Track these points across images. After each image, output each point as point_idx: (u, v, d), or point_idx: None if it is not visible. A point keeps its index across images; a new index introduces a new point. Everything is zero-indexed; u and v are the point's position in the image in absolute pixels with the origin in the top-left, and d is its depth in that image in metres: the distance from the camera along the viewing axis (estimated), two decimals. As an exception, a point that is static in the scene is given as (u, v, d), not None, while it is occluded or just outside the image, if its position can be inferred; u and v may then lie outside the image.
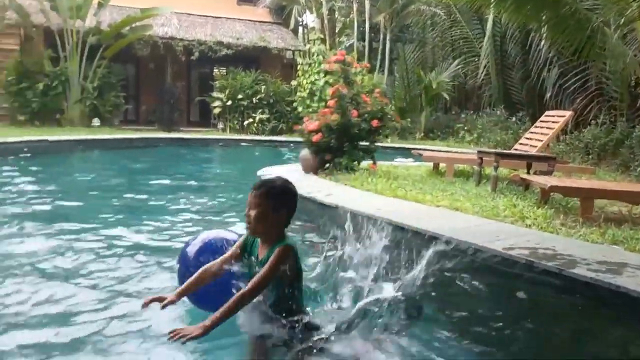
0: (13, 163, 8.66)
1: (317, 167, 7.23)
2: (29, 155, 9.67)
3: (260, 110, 16.23)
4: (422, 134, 15.55)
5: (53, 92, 14.10)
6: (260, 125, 16.10)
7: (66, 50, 14.38)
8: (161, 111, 16.52)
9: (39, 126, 13.73)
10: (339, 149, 7.05)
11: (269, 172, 7.36)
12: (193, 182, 7.98)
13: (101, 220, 4.81)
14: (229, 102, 16.09)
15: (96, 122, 14.57)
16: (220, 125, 16.64)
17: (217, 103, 16.25)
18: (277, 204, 2.23)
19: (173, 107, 16.52)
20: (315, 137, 6.95)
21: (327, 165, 7.15)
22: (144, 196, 6.31)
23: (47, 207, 5.37)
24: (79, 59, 14.39)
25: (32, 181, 7.00)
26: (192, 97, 19.02)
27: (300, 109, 15.38)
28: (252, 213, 2.21)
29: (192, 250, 2.62)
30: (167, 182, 7.63)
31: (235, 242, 2.58)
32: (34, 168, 8.43)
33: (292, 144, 13.65)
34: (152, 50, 16.29)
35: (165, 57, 17.03)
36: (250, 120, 16.14)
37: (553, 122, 7.27)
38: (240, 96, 16.04)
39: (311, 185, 6.24)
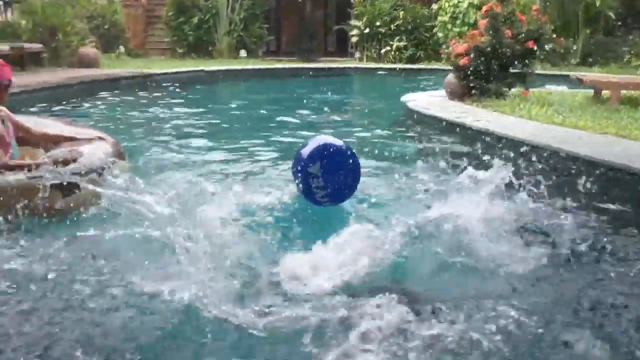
0: (175, 91, 9.64)
1: (463, 93, 7.03)
2: (188, 83, 10.66)
3: (397, 38, 15.81)
4: (578, 60, 14.03)
5: (206, 25, 15.15)
6: (397, 53, 15.75)
7: (215, -17, 15.17)
8: (300, 42, 16.91)
9: (194, 58, 14.96)
10: (488, 74, 6.74)
11: (412, 99, 7.35)
12: (334, 110, 8.22)
13: (253, 141, 5.28)
14: (367, 30, 15.90)
15: (243, 53, 15.44)
16: (357, 55, 16.61)
17: (354, 31, 16.16)
18: None
19: (312, 37, 16.80)
20: (463, 61, 6.70)
21: (474, 91, 6.90)
22: (291, 119, 6.72)
23: (203, 130, 5.99)
24: (226, -9, 15.12)
25: (192, 106, 7.82)
26: (330, 27, 19.10)
27: (440, 34, 14.73)
28: None
29: (305, 152, 3.02)
30: (309, 109, 7.92)
31: (340, 148, 2.98)
32: (193, 95, 9.34)
33: (431, 72, 13.24)
34: (292, -21, 16.49)
35: (304, -14, 17.13)
36: (388, 48, 15.85)
37: None
38: (378, 23, 15.74)
39: (458, 111, 6.14)
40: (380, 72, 13.95)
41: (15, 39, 10.75)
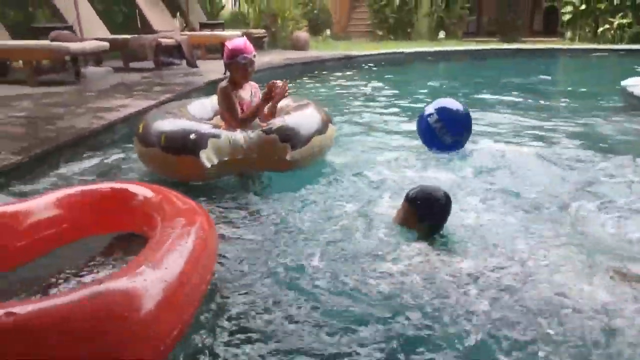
0: (375, 71, 10.10)
1: None
2: (388, 65, 11.04)
3: (620, 14, 13.99)
4: None
5: (407, 7, 15.38)
6: (618, 31, 13.96)
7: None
8: (503, 21, 16.04)
9: (392, 40, 15.35)
10: None
11: (635, 83, 6.56)
12: (540, 95, 7.74)
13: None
14: (583, 7, 14.38)
15: (441, 34, 15.31)
16: (568, 34, 15.15)
17: (568, 8, 14.75)
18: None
19: (516, 16, 15.81)
20: None
21: None
22: (490, 103, 6.57)
23: (400, 109, 6.22)
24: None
25: (391, 86, 8.16)
26: (538, 4, 17.71)
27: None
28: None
29: (427, 110, 3.79)
30: (511, 92, 7.57)
31: (460, 111, 3.77)
32: (392, 76, 9.68)
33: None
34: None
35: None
36: (607, 26, 14.14)
37: None
38: (596, -2, 14.13)
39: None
40: (595, 54, 12.55)
41: (243, 26, 12.40)
